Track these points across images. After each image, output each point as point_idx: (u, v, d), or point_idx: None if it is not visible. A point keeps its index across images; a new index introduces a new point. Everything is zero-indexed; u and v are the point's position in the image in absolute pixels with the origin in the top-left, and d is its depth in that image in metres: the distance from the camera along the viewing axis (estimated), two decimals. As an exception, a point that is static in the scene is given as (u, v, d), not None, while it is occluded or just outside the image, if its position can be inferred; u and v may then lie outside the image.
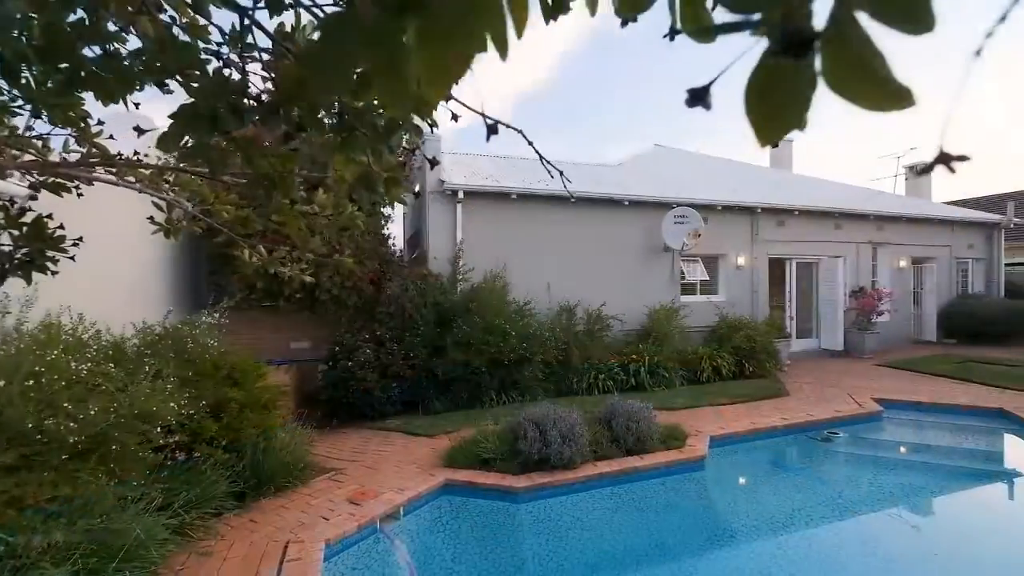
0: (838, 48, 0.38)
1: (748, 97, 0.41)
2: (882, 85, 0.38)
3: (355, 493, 4.22)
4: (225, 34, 1.16)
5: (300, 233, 1.83)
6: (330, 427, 6.43)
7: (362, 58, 0.47)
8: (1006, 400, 6.91)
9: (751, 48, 0.41)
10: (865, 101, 0.40)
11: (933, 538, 4.35)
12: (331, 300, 7.67)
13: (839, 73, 0.39)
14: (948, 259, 12.84)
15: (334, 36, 0.48)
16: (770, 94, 0.41)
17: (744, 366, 8.81)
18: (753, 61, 0.41)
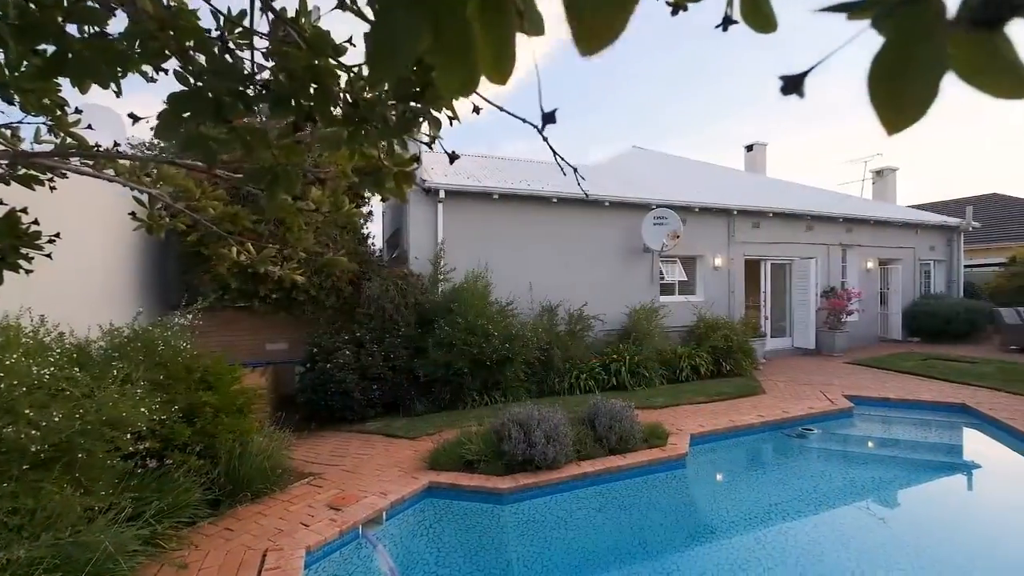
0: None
1: (873, 83, 0.39)
2: (1012, 71, 0.36)
3: (336, 498, 4.12)
4: (221, 16, 1.09)
5: (299, 230, 1.76)
6: (309, 431, 6.28)
7: (428, 32, 0.43)
8: (967, 395, 7.22)
9: (861, 32, 0.39)
10: (995, 89, 0.38)
11: (902, 529, 4.50)
12: (309, 301, 7.52)
13: (970, 58, 0.36)
14: (912, 260, 13.36)
15: (397, 9, 0.44)
16: (899, 78, 0.38)
17: (722, 365, 8.98)
18: (872, 46, 0.39)
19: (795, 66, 0.46)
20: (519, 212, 9.02)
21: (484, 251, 8.53)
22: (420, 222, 8.37)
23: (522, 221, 9.03)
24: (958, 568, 3.75)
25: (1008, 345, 10.93)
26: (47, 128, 1.59)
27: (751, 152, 17.22)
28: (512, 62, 0.41)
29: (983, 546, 4.08)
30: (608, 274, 9.66)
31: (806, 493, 5.07)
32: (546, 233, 9.20)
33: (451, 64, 0.43)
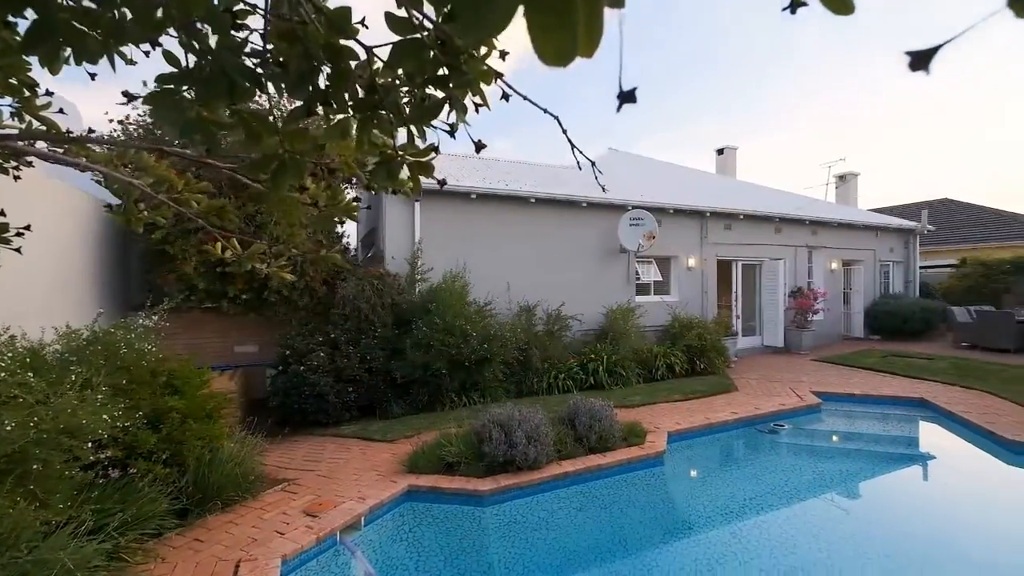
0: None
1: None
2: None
3: (312, 504, 4.00)
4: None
5: (291, 226, 1.68)
6: (282, 435, 6.09)
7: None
8: (924, 390, 7.58)
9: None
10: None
11: (869, 519, 4.67)
12: (281, 301, 7.30)
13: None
14: (873, 262, 13.95)
15: None
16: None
17: (696, 363, 9.16)
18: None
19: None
20: (497, 212, 8.98)
21: (462, 251, 8.46)
22: (397, 221, 8.24)
23: (500, 221, 9.01)
24: (920, 554, 3.91)
25: (960, 342, 11.53)
26: (11, 112, 1.45)
27: (722, 155, 17.65)
28: (601, 32, 0.38)
29: (942, 533, 4.28)
30: (585, 274, 9.73)
31: (779, 487, 5.21)
32: (524, 233, 9.20)
33: (549, 25, 0.39)
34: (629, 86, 0.51)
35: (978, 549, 4.02)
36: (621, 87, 0.51)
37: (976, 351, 10.76)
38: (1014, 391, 7.22)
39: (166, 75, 0.91)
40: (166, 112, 0.91)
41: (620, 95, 0.52)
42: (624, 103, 0.52)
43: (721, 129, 63.18)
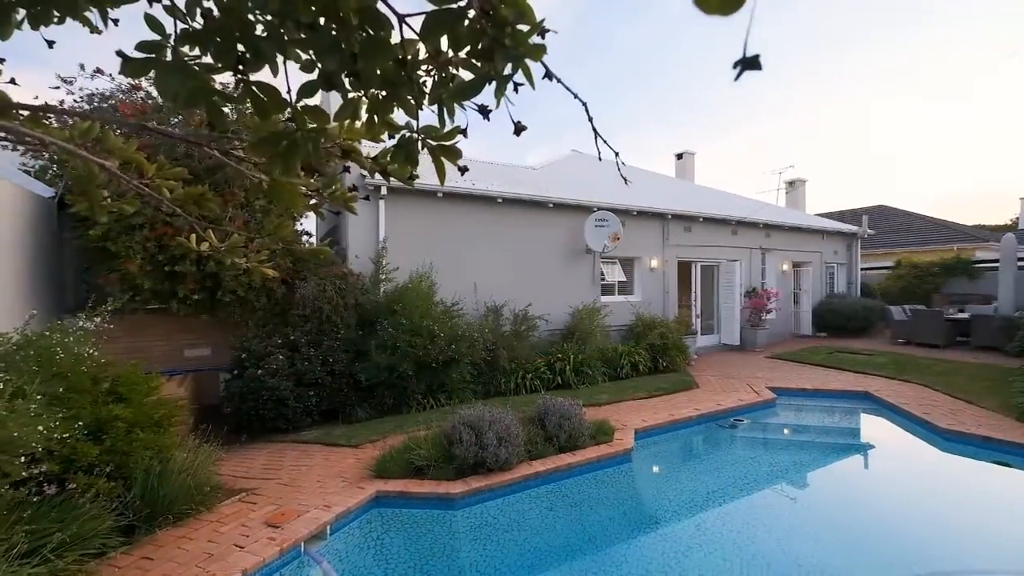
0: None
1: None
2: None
3: (273, 515, 3.80)
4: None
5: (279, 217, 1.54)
6: (240, 443, 5.78)
7: None
8: (868, 383, 8.08)
9: None
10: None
11: (823, 506, 4.91)
12: (236, 302, 6.92)
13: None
14: (820, 263, 14.77)
15: None
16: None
17: (658, 361, 9.40)
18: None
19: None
20: (464, 212, 8.90)
21: (428, 250, 8.32)
22: (360, 219, 8.01)
23: (467, 221, 8.93)
24: (868, 537, 4.14)
25: (896, 338, 12.37)
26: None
27: (681, 160, 18.23)
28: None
29: (888, 515, 4.55)
30: (552, 274, 9.79)
31: (739, 479, 5.40)
32: (491, 233, 9.15)
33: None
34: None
35: (919, 526, 4.30)
36: (745, 53, 0.48)
37: (911, 347, 11.58)
38: (946, 383, 7.80)
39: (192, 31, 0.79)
40: (170, 79, 0.81)
41: (741, 61, 0.49)
42: (746, 70, 0.49)
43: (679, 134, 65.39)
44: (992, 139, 70.47)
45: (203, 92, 0.85)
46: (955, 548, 4.03)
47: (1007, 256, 11.30)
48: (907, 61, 50.25)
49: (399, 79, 0.93)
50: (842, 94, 59.72)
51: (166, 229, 6.28)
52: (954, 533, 4.27)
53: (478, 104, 0.98)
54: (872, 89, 61.10)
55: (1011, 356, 9.41)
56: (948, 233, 19.36)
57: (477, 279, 8.83)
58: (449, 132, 1.12)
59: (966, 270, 15.49)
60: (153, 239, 6.23)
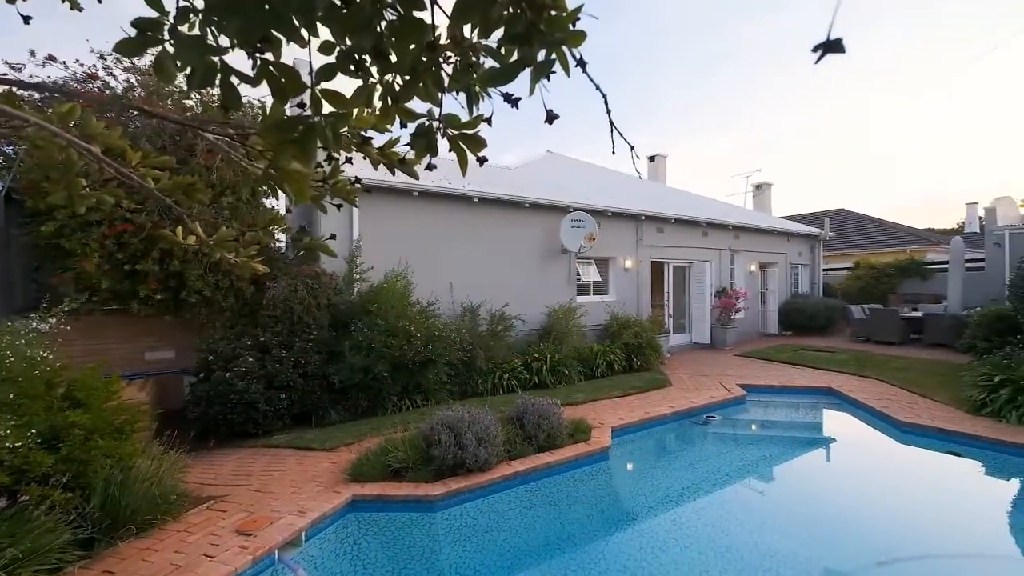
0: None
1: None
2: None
3: (245, 522, 3.66)
4: None
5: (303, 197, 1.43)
6: (208, 449, 5.55)
7: None
8: (831, 380, 8.41)
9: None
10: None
11: (792, 498, 5.08)
12: (202, 302, 6.64)
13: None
14: (785, 264, 15.30)
15: None
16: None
17: (633, 360, 9.54)
18: None
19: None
20: (440, 211, 8.82)
21: (403, 250, 8.20)
22: (333, 218, 7.81)
23: (443, 220, 8.85)
24: (834, 527, 4.31)
25: (856, 336, 12.93)
26: None
27: (653, 162, 18.58)
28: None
29: (851, 506, 4.74)
30: (528, 274, 9.80)
31: (712, 474, 5.53)
32: (468, 233, 9.10)
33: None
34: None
35: (880, 516, 4.50)
36: (828, 36, 0.48)
37: (869, 344, 12.12)
38: (902, 379, 8.20)
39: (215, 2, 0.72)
40: (188, 54, 0.74)
41: (823, 44, 0.48)
42: (827, 53, 0.49)
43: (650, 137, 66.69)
44: (940, 148, 74.75)
45: (220, 70, 0.79)
46: (912, 535, 4.24)
47: (956, 258, 11.97)
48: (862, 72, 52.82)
49: (423, 64, 0.89)
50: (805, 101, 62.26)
51: (126, 226, 5.98)
52: (911, 521, 4.49)
53: (503, 92, 0.95)
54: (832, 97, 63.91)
55: (960, 352, 9.96)
56: (902, 236, 20.38)
57: (453, 279, 8.77)
58: (472, 120, 1.08)
59: (919, 271, 16.35)
60: (112, 236, 5.93)
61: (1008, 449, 5.34)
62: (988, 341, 8.88)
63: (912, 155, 76.90)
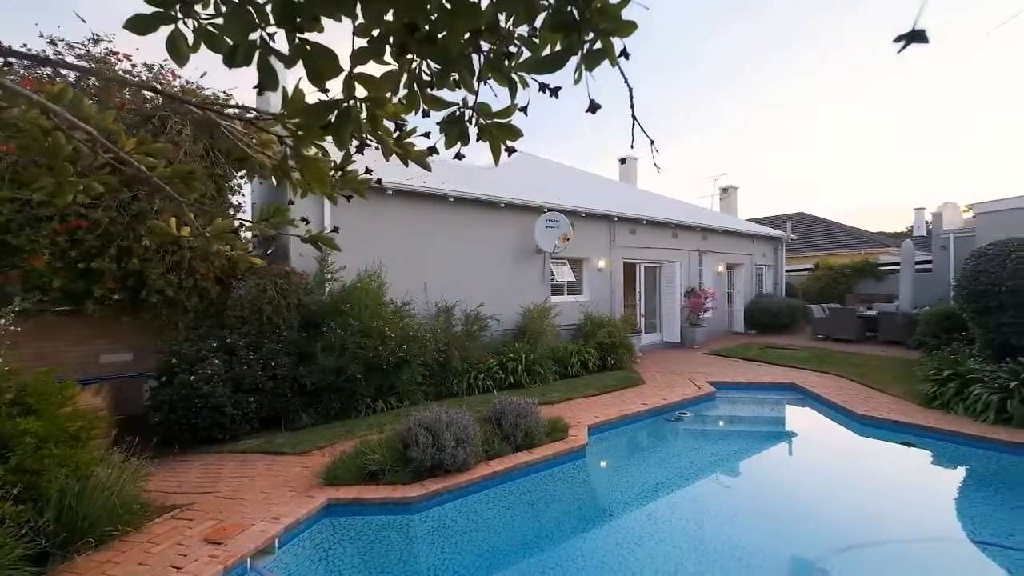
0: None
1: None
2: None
3: (214, 530, 3.52)
4: None
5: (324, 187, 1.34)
6: (172, 455, 5.31)
7: None
8: (795, 376, 8.75)
9: None
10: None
11: (760, 490, 5.25)
12: (164, 302, 6.34)
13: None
14: (750, 265, 15.83)
15: None
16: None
17: (607, 359, 9.67)
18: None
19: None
20: (415, 210, 8.72)
21: (377, 249, 8.06)
22: (304, 216, 7.61)
23: (417, 219, 8.75)
24: (798, 518, 4.48)
25: (816, 334, 13.50)
26: None
27: (624, 165, 18.88)
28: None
29: (815, 496, 4.95)
30: (503, 274, 9.80)
31: (685, 469, 5.67)
32: (443, 233, 9.03)
33: None
34: None
35: (841, 505, 4.71)
36: (914, 26, 0.49)
37: (829, 342, 12.68)
38: (860, 374, 8.61)
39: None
40: (235, 28, 0.69)
41: (907, 35, 0.49)
42: (911, 43, 0.49)
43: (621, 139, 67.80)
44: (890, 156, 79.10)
45: (259, 48, 0.75)
46: (871, 522, 4.44)
47: (906, 259, 12.66)
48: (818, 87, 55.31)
49: (463, 50, 0.86)
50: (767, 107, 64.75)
51: (80, 222, 5.67)
52: (871, 509, 4.70)
53: (540, 82, 0.93)
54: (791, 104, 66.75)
55: (911, 349, 10.54)
56: (858, 239, 21.41)
57: (428, 279, 8.69)
58: (506, 109, 1.05)
59: (873, 272, 17.20)
60: (65, 233, 5.60)
61: (955, 438, 5.69)
62: (936, 338, 9.44)
63: (864, 163, 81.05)
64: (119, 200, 5.92)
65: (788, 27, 32.29)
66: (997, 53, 28.58)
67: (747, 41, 39.96)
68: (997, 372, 6.28)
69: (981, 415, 5.94)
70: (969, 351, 7.54)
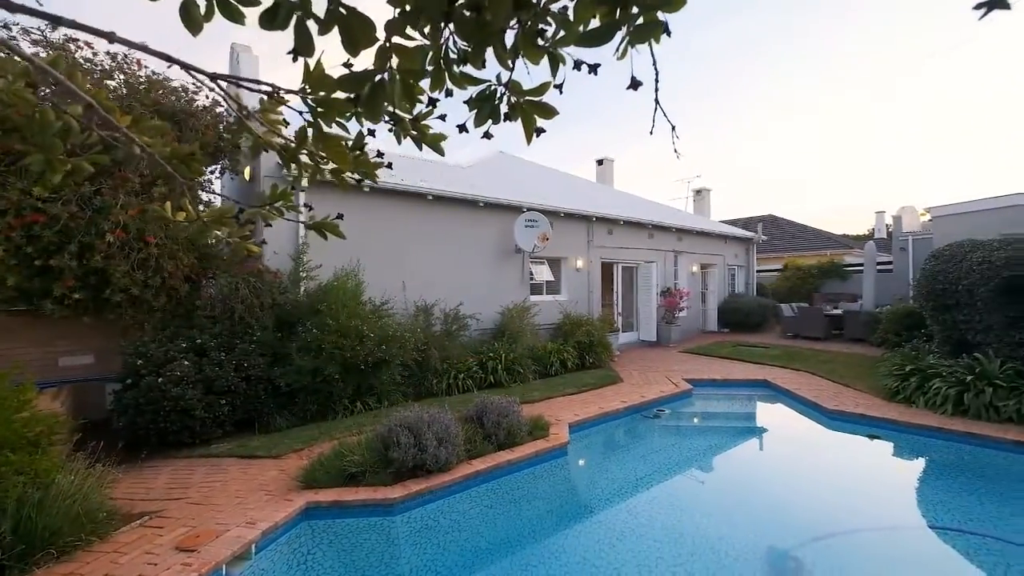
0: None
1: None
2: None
3: (186, 538, 3.38)
4: None
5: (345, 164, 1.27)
6: (139, 461, 5.08)
7: None
8: (767, 373, 9.00)
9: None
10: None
11: (737, 483, 5.37)
12: (128, 302, 6.08)
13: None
14: (723, 266, 16.22)
15: None
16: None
17: (585, 358, 9.75)
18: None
19: None
20: (393, 208, 8.60)
21: (354, 248, 7.89)
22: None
23: (396, 218, 8.64)
24: (776, 506, 4.61)
25: (786, 332, 13.93)
26: None
27: (601, 166, 19.09)
28: None
29: (788, 488, 5.10)
30: (483, 274, 9.77)
31: (664, 465, 5.75)
32: (421, 231, 8.94)
33: None
34: None
35: (816, 492, 4.87)
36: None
37: (798, 339, 13.10)
38: (828, 370, 8.92)
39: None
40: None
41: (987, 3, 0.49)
42: (992, 9, 0.50)
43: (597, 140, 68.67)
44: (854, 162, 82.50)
45: (293, 8, 0.71)
46: (841, 512, 4.60)
47: (869, 261, 13.19)
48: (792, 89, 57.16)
49: (506, 23, 0.83)
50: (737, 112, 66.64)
51: (37, 217, 5.38)
52: (840, 499, 4.87)
53: (576, 60, 0.90)
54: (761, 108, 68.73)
55: (874, 346, 10.99)
56: (824, 241, 22.22)
57: (406, 278, 8.58)
58: (540, 87, 1.02)
59: (838, 272, 17.87)
60: (20, 228, 5.30)
61: (916, 430, 5.96)
62: (898, 335, 9.87)
63: (829, 168, 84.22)
64: (80, 194, 5.64)
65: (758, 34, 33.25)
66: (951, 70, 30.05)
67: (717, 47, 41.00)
68: (954, 367, 6.61)
69: (940, 407, 6.24)
70: (928, 347, 7.91)
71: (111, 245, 5.62)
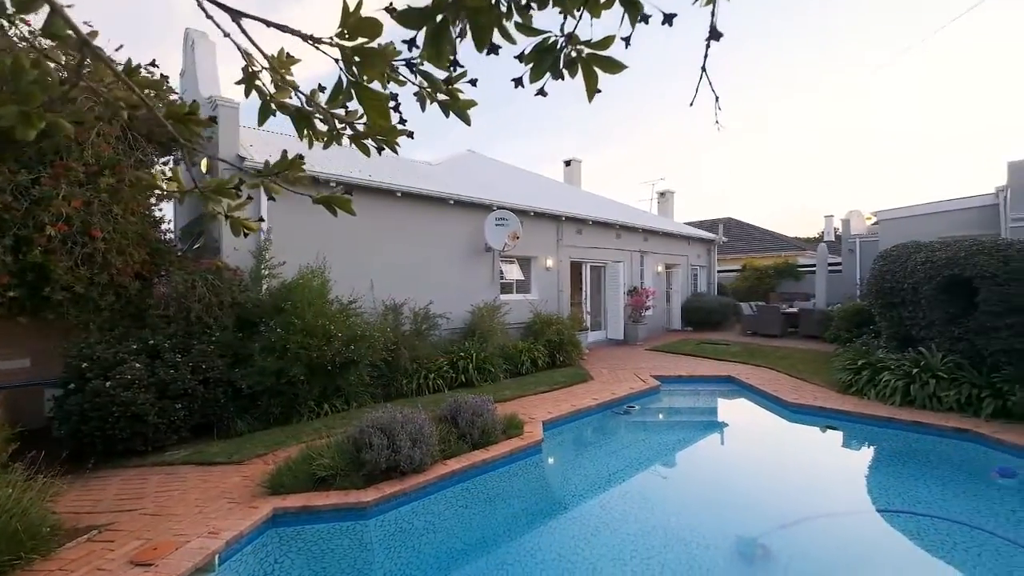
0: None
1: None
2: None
3: (142, 551, 3.15)
4: None
5: None
6: (85, 471, 4.71)
7: None
8: (729, 369, 9.31)
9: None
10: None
11: (704, 474, 5.52)
12: (71, 300, 5.63)
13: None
14: (686, 266, 16.69)
15: None
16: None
17: (556, 357, 9.80)
18: None
19: None
20: (361, 205, 8.32)
21: (319, 245, 7.66)
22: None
23: (364, 215, 8.39)
24: (743, 496, 4.75)
25: (746, 330, 14.46)
26: None
27: (569, 167, 19.29)
28: None
29: (756, 475, 5.27)
30: (452, 273, 9.66)
31: (635, 459, 5.85)
32: (390, 230, 8.75)
33: None
34: None
35: (781, 480, 5.06)
36: None
37: (757, 337, 13.63)
38: (786, 365, 9.32)
39: None
40: None
41: None
42: None
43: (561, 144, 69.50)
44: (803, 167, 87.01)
45: None
46: (803, 498, 4.81)
47: (821, 262, 13.89)
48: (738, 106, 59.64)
49: None
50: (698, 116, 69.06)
51: None
52: (803, 487, 5.09)
53: (643, 15, 0.83)
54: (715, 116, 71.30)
55: (828, 342, 11.56)
56: (779, 243, 23.26)
57: (374, 276, 8.38)
58: (605, 40, 0.94)
59: (793, 273, 18.74)
60: None
61: (868, 420, 6.30)
62: (849, 332, 10.42)
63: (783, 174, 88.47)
64: (15, 183, 5.19)
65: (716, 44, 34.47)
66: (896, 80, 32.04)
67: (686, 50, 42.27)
68: (901, 360, 7.03)
69: (890, 399, 6.62)
70: (877, 343, 8.38)
71: (52, 239, 5.20)
